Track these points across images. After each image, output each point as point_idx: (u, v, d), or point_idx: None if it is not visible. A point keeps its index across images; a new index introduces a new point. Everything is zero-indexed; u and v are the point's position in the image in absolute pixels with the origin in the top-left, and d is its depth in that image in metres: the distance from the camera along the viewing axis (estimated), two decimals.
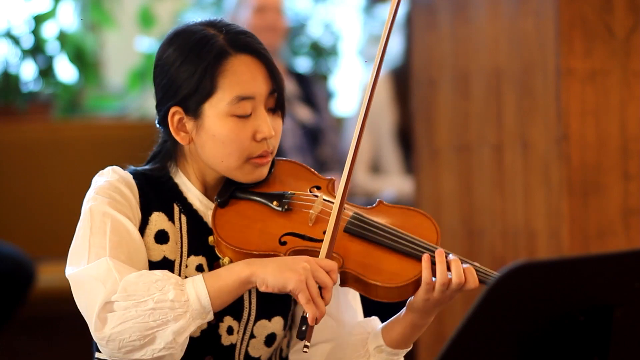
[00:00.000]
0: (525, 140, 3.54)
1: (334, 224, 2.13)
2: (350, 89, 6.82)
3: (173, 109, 2.21)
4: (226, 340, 2.23)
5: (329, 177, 2.31)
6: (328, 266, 2.10)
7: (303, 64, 6.59)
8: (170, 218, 2.24)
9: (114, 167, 2.27)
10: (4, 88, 5.63)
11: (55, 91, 5.83)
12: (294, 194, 2.24)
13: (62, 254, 5.87)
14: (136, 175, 2.26)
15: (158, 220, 2.22)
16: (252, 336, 2.24)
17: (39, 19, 5.71)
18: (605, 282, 1.85)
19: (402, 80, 5.06)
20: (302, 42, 6.69)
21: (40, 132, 5.39)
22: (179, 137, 2.22)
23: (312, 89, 5.19)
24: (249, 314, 2.24)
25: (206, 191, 2.27)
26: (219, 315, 2.21)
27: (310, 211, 2.20)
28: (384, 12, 6.27)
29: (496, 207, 3.66)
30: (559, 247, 3.41)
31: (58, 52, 5.78)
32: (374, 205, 2.26)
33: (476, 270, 2.13)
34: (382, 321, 2.29)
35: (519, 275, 1.75)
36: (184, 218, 2.24)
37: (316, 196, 2.24)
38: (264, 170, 2.24)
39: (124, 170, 2.27)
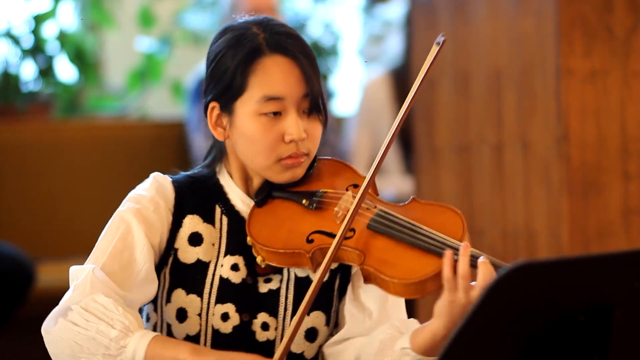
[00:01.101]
0: (525, 140, 3.54)
1: (331, 254, 2.12)
2: (350, 89, 6.82)
3: (212, 104, 2.24)
4: (261, 336, 2.22)
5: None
6: None
7: None
8: (208, 219, 2.25)
9: (156, 172, 2.29)
10: (4, 88, 5.63)
11: (55, 91, 5.83)
12: (325, 192, 2.24)
13: (62, 254, 5.88)
14: (178, 179, 2.28)
15: (192, 223, 2.24)
16: None
17: (39, 19, 5.71)
18: (605, 282, 1.85)
19: (402, 80, 5.06)
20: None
21: (40, 132, 5.38)
22: (216, 133, 2.25)
23: None
24: (285, 309, 2.23)
25: (249, 190, 2.28)
26: (253, 312, 2.22)
27: (335, 208, 2.20)
28: (384, 12, 6.27)
29: (496, 207, 3.66)
30: (559, 247, 3.41)
31: (58, 52, 5.78)
32: (407, 202, 2.23)
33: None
34: None
35: (519, 275, 1.74)
36: (224, 219, 2.26)
37: (348, 191, 2.23)
38: (298, 171, 2.24)
39: (169, 174, 2.29)
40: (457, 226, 2.16)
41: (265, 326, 2.23)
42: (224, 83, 2.21)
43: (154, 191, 2.24)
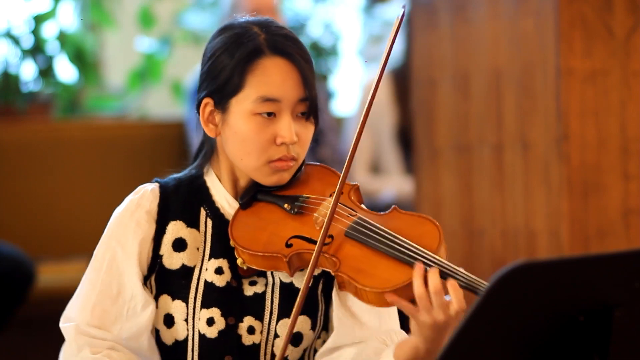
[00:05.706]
0: (525, 140, 3.54)
1: (313, 262, 2.13)
2: (350, 89, 6.82)
3: (205, 100, 2.25)
4: (247, 340, 2.23)
5: (354, 183, 2.28)
6: None
7: None
8: (191, 224, 2.26)
9: (143, 185, 2.30)
10: (4, 88, 5.63)
11: (55, 91, 5.83)
12: (308, 197, 2.24)
13: (62, 254, 5.87)
14: (166, 184, 2.29)
15: (174, 229, 2.25)
16: (275, 335, 2.24)
17: (39, 19, 5.71)
18: (605, 282, 1.85)
19: (402, 80, 5.06)
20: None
21: (40, 132, 5.38)
22: (208, 129, 2.27)
23: None
24: (271, 313, 2.24)
25: (236, 192, 2.29)
26: (239, 315, 2.22)
27: (315, 214, 2.20)
28: (384, 12, 6.27)
29: (496, 207, 3.66)
30: (559, 247, 3.42)
31: (58, 52, 5.77)
32: (388, 211, 2.23)
33: (468, 282, 2.03)
34: None
35: (519, 275, 1.74)
36: (209, 222, 2.27)
37: (330, 197, 2.23)
38: (284, 175, 2.24)
39: (158, 178, 2.31)
40: (434, 238, 2.13)
41: (251, 330, 2.23)
42: (220, 80, 2.22)
43: (134, 206, 2.25)
